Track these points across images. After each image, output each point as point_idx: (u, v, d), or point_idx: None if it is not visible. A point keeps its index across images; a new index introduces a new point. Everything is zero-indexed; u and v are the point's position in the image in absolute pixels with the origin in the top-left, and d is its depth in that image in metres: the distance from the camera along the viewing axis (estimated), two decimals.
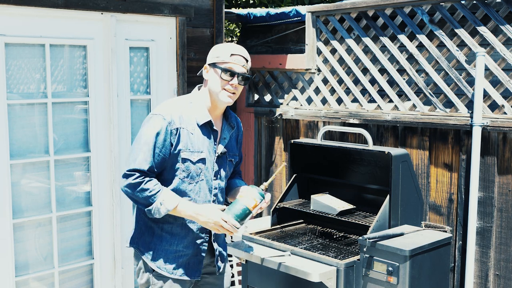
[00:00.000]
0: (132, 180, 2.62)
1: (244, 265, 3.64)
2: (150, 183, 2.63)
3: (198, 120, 2.75)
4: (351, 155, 3.83)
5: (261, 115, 4.87)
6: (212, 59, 2.77)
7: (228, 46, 2.79)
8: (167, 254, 2.76)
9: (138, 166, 2.63)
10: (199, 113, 2.76)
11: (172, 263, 2.76)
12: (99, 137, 3.92)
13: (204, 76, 2.81)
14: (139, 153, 2.65)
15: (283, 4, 7.80)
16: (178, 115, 2.71)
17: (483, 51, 3.48)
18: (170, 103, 2.79)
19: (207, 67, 2.80)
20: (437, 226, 3.63)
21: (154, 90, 4.17)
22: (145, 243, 2.78)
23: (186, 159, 2.71)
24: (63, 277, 3.91)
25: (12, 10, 3.49)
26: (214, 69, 2.75)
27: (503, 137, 3.48)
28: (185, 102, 2.79)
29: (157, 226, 2.77)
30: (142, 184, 2.62)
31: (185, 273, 2.78)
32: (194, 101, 2.80)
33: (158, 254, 2.76)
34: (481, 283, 3.63)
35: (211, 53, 2.81)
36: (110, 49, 3.89)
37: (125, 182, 2.64)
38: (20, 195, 3.67)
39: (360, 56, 4.25)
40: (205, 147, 2.76)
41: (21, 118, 3.62)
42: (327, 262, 3.22)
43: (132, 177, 2.62)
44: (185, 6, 4.20)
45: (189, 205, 2.69)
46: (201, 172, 2.75)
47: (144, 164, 2.63)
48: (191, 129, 2.73)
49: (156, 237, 2.77)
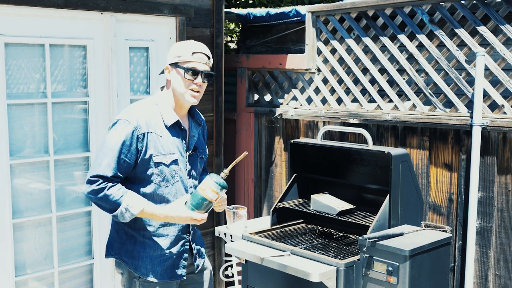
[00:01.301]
0: (95, 186, 2.58)
1: (244, 265, 3.64)
2: (113, 189, 2.59)
3: (166, 122, 2.72)
4: (351, 155, 3.83)
5: (261, 115, 4.87)
6: (173, 58, 2.71)
7: (189, 44, 2.73)
8: (152, 259, 2.75)
9: (102, 172, 2.59)
10: (166, 114, 2.73)
11: (158, 267, 2.75)
12: (99, 137, 3.92)
13: (167, 76, 2.76)
14: (103, 159, 2.61)
15: (283, 4, 7.80)
16: (145, 119, 2.67)
17: (483, 51, 3.48)
18: (136, 107, 2.73)
19: (168, 67, 2.74)
20: (437, 226, 3.63)
21: (154, 90, 4.17)
22: (127, 252, 2.76)
23: (160, 163, 2.68)
24: (63, 277, 3.91)
25: (12, 10, 3.49)
26: (176, 69, 2.70)
27: (503, 137, 3.48)
28: (150, 105, 2.75)
29: (138, 234, 2.75)
30: (105, 190, 2.58)
31: (172, 276, 2.79)
32: (159, 102, 2.76)
33: (143, 261, 2.74)
34: (481, 283, 3.63)
35: (171, 52, 2.75)
36: (110, 49, 3.89)
37: (88, 188, 2.60)
38: (20, 195, 3.67)
39: (360, 56, 4.25)
40: (175, 148, 2.74)
41: (21, 118, 3.62)
42: (327, 262, 3.21)
43: (96, 183, 2.59)
44: (185, 6, 4.20)
45: (155, 207, 2.66)
46: (176, 174, 2.74)
47: (107, 170, 2.59)
48: (160, 132, 2.69)
49: (138, 244, 2.75)
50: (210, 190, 2.64)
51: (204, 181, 2.67)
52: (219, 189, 2.64)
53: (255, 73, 5.01)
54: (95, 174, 2.60)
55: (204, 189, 2.64)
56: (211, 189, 2.64)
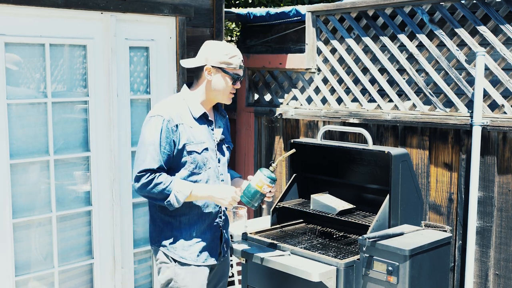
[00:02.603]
0: (144, 180, 2.77)
1: (244, 264, 3.64)
2: (161, 177, 2.78)
3: (193, 114, 2.91)
4: (351, 154, 3.83)
5: (261, 114, 4.87)
6: (221, 63, 2.89)
7: (235, 51, 2.93)
8: (189, 243, 2.92)
9: (148, 166, 2.77)
10: (193, 107, 2.92)
11: (194, 251, 2.92)
12: (99, 137, 3.92)
13: (206, 76, 2.91)
14: (146, 155, 2.80)
15: (283, 4, 7.80)
16: (175, 112, 2.87)
17: (483, 51, 3.48)
18: (165, 103, 2.95)
19: (211, 69, 2.90)
20: (437, 225, 3.63)
21: (154, 90, 4.17)
22: (166, 238, 2.93)
23: (192, 151, 2.87)
24: (63, 276, 3.91)
25: (12, 9, 3.49)
26: (222, 73, 2.90)
27: (503, 136, 3.48)
28: (178, 100, 2.96)
29: (175, 220, 2.92)
30: (154, 180, 2.76)
31: (206, 259, 2.96)
32: (186, 97, 2.95)
33: (180, 245, 2.91)
34: (481, 283, 3.63)
35: (215, 55, 2.90)
36: (110, 48, 3.89)
37: (138, 184, 2.80)
38: (20, 195, 3.67)
39: (360, 56, 4.25)
40: (205, 137, 2.93)
41: (21, 118, 3.62)
42: (327, 262, 3.22)
43: (144, 177, 2.77)
44: (185, 5, 4.19)
45: (202, 186, 2.86)
46: (207, 161, 2.92)
47: (153, 163, 2.78)
48: (190, 123, 2.89)
49: (175, 230, 2.92)
50: (262, 183, 2.84)
51: (256, 175, 2.87)
52: (270, 182, 2.85)
53: (255, 72, 5.01)
54: (142, 169, 2.78)
55: (256, 183, 2.85)
56: (263, 182, 2.84)
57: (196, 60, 2.95)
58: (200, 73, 2.94)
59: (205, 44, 2.98)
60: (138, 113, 4.12)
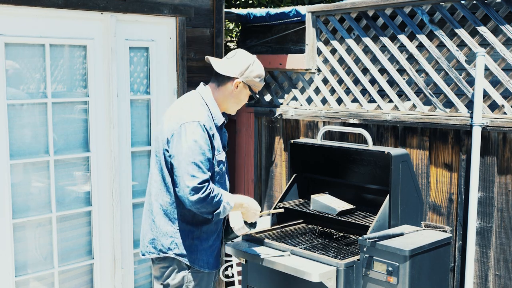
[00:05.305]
0: (201, 195, 2.68)
1: (244, 265, 3.64)
2: (215, 190, 2.76)
3: (216, 122, 2.90)
4: (351, 155, 3.83)
5: (261, 115, 4.87)
6: (250, 80, 2.92)
7: (263, 73, 2.99)
8: (207, 252, 2.95)
9: (206, 176, 2.72)
10: (216, 115, 2.92)
11: (211, 258, 2.97)
12: (99, 137, 3.92)
13: (231, 89, 2.92)
14: (199, 163, 2.71)
15: (283, 4, 7.79)
16: (207, 119, 2.83)
17: (483, 51, 3.48)
18: (195, 108, 2.87)
19: (239, 84, 2.91)
20: (437, 226, 3.63)
21: (154, 90, 4.17)
22: (186, 247, 2.90)
23: (220, 161, 2.89)
24: (63, 277, 3.91)
25: (12, 10, 3.49)
26: (246, 90, 2.95)
27: (503, 137, 3.48)
28: (202, 104, 2.90)
29: (197, 229, 2.92)
30: (210, 193, 2.72)
31: (217, 265, 3.04)
32: (208, 103, 2.92)
33: (200, 254, 2.92)
34: (481, 283, 3.63)
35: (252, 74, 2.93)
36: (110, 49, 3.89)
37: (194, 198, 2.68)
38: (20, 195, 3.67)
39: (360, 56, 4.25)
40: (221, 146, 2.94)
41: (21, 118, 3.62)
42: (327, 262, 3.22)
43: (201, 190, 2.68)
44: (185, 6, 4.20)
45: (236, 198, 2.91)
46: (225, 170, 2.97)
47: (208, 173, 2.73)
48: (215, 131, 2.88)
49: (196, 239, 2.93)
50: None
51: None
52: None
53: None
54: (201, 180, 2.69)
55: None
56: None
57: (231, 70, 2.90)
58: (226, 82, 2.92)
59: (243, 56, 2.95)
60: (138, 113, 4.12)
